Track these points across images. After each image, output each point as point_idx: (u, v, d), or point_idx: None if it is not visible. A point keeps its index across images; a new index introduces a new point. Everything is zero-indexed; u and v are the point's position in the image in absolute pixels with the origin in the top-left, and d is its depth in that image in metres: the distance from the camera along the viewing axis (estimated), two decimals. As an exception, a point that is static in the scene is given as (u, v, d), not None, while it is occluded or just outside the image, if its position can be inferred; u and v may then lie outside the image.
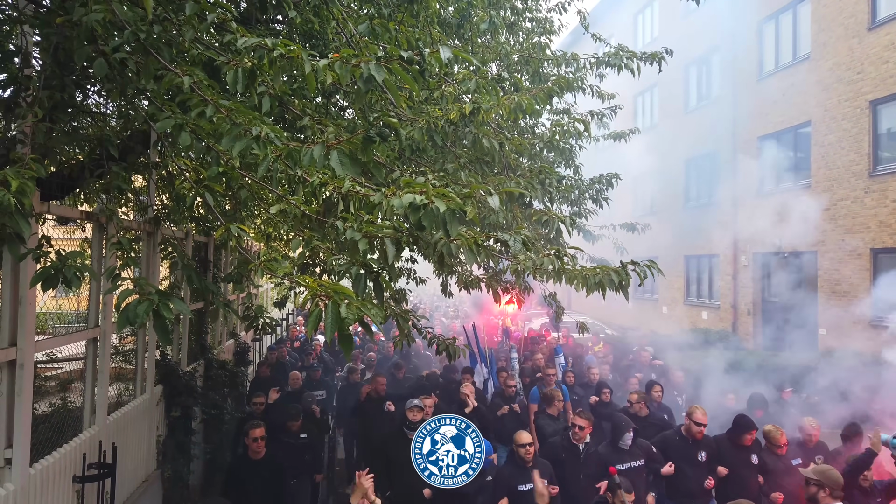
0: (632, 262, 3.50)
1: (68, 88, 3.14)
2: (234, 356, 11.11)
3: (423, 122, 4.22)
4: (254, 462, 6.25)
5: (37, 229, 3.69)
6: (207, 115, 2.52)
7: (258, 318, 5.06)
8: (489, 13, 5.50)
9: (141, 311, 2.55)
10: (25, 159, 2.56)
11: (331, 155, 2.45)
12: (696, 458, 6.84)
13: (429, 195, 2.56)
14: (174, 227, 7.07)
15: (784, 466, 6.90)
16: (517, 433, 6.27)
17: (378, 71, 2.40)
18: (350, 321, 2.12)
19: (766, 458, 6.98)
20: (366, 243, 2.57)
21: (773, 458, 6.97)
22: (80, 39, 2.54)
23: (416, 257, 8.15)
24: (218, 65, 2.95)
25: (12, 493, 3.98)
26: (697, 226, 20.38)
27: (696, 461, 6.83)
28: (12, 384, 4.11)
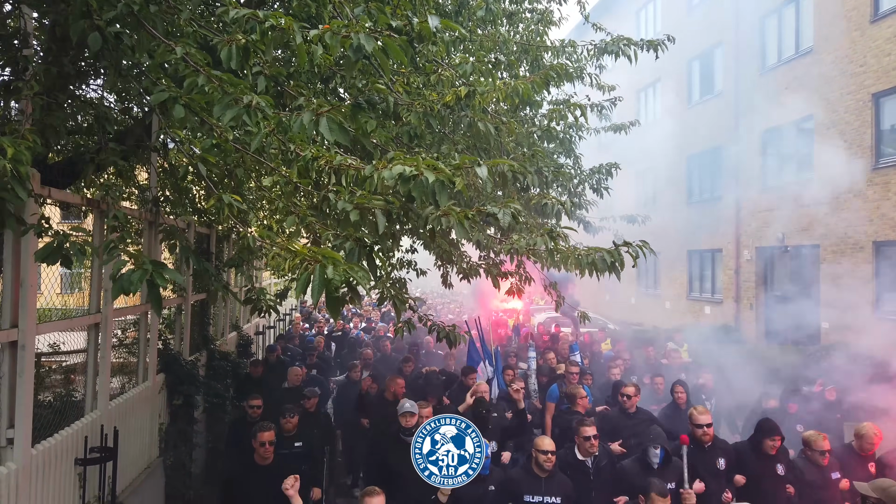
0: (625, 244, 3.51)
1: (65, 66, 3.19)
2: (236, 348, 11.18)
3: (420, 107, 4.25)
4: (261, 468, 5.84)
5: (37, 210, 3.74)
6: (199, 84, 2.56)
7: (260, 300, 5.10)
8: (486, 0, 5.54)
9: (135, 280, 2.59)
10: (22, 131, 2.61)
11: (320, 122, 2.50)
12: (714, 465, 6.06)
13: (419, 167, 2.59)
14: (176, 220, 7.13)
15: (822, 478, 6.06)
16: (539, 438, 5.81)
17: (368, 41, 2.44)
18: (336, 283, 2.15)
19: (805, 467, 6.14)
20: (357, 214, 2.61)
21: (812, 469, 6.09)
22: (75, 14, 2.59)
23: (417, 247, 8.21)
24: (213, 44, 2.99)
25: (14, 472, 4.03)
26: (700, 220, 20.39)
27: (715, 469, 6.05)
28: (14, 365, 4.16)
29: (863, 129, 14.36)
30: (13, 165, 2.22)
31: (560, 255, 3.57)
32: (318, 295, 2.19)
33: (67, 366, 6.62)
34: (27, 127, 2.75)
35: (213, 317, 9.52)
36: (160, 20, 2.68)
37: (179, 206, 6.91)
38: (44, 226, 3.08)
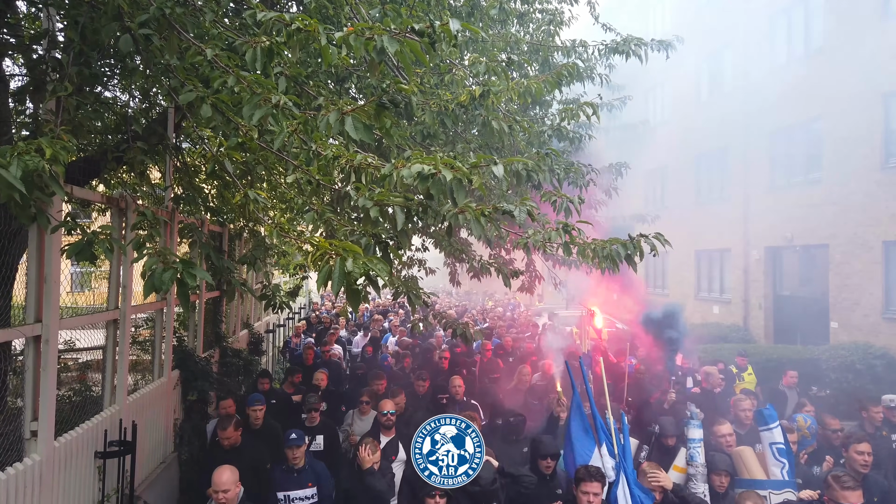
0: (640, 235, 3.58)
1: (94, 66, 3.27)
2: (247, 346, 11.28)
3: (435, 106, 4.33)
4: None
5: (61, 207, 3.83)
6: (229, 85, 2.64)
7: (275, 296, 5.19)
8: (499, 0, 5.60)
9: (167, 279, 2.68)
10: (57, 131, 2.69)
11: (345, 121, 2.57)
12: None
13: (437, 165, 2.66)
14: (189, 218, 7.23)
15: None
16: None
17: (391, 43, 2.51)
18: (356, 275, 2.23)
19: None
20: (377, 211, 2.68)
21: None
22: (106, 17, 2.68)
23: (428, 245, 8.28)
24: (237, 45, 3.07)
25: (38, 464, 4.13)
26: (709, 220, 20.37)
27: None
28: (37, 359, 4.26)
29: (872, 129, 14.33)
30: (51, 165, 2.31)
31: (577, 248, 3.62)
32: (338, 287, 2.27)
33: (83, 362, 6.74)
34: (62, 127, 2.83)
35: (225, 314, 9.62)
36: (190, 23, 2.77)
37: (193, 204, 7.00)
38: (73, 223, 3.17)
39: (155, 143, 4.17)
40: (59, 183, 2.37)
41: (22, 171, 2.11)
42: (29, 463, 4.05)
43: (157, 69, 2.90)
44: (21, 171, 2.11)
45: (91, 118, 3.46)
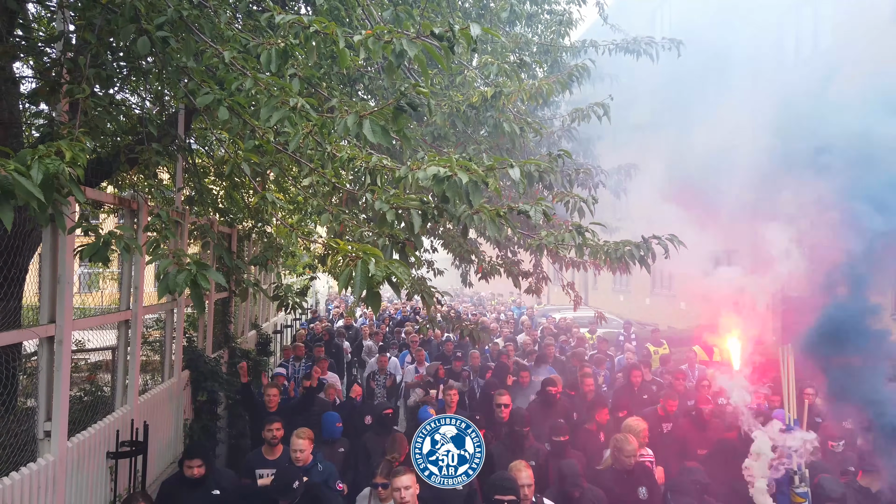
0: (654, 237, 3.57)
1: (109, 69, 3.29)
2: (255, 346, 11.31)
3: (446, 107, 4.33)
4: None
5: (75, 208, 3.85)
6: (246, 87, 2.65)
7: (287, 296, 5.20)
8: (510, 1, 5.60)
9: (181, 281, 2.69)
10: (75, 133, 2.71)
11: (363, 124, 2.58)
12: None
13: (452, 168, 2.67)
14: (198, 219, 7.25)
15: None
16: None
17: (410, 46, 2.52)
18: (378, 278, 2.23)
19: None
20: (393, 214, 2.68)
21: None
22: (124, 19, 2.69)
23: (437, 245, 8.28)
24: (251, 47, 3.08)
25: (51, 464, 4.15)
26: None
27: None
28: (51, 360, 4.28)
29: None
30: (71, 167, 2.32)
31: (590, 249, 3.62)
32: (360, 290, 2.27)
33: (93, 363, 6.77)
34: (80, 129, 2.85)
35: (234, 315, 9.65)
36: (207, 25, 2.78)
37: (202, 206, 7.02)
38: (89, 224, 3.18)
39: (168, 144, 4.19)
40: (78, 186, 2.38)
41: (43, 175, 2.12)
42: (43, 463, 4.07)
43: (173, 71, 2.92)
44: (42, 175, 2.11)
45: (105, 119, 3.47)
